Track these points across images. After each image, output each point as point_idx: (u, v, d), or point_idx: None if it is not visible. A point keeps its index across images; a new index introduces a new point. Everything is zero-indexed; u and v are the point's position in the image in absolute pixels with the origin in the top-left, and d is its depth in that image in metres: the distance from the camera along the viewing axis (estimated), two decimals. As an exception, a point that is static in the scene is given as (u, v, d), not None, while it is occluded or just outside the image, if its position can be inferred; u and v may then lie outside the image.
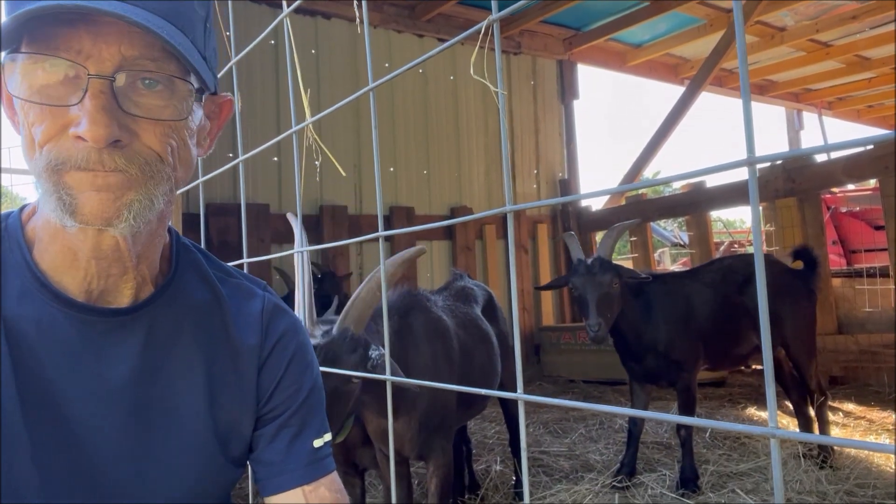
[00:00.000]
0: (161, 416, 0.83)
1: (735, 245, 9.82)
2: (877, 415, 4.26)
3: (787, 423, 3.97)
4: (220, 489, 0.90)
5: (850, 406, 4.53)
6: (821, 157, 5.23)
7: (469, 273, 3.61)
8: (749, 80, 0.54)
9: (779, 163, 5.18)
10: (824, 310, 4.85)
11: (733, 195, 5.66)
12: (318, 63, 5.64)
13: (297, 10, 1.17)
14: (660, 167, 25.19)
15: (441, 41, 6.32)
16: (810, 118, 10.09)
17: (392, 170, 6.05)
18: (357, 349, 1.78)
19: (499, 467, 3.52)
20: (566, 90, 7.38)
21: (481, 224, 6.44)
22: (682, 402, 3.24)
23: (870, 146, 4.60)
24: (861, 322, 5.00)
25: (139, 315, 0.82)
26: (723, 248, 9.12)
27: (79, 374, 0.78)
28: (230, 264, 1.00)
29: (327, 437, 0.95)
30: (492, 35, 0.81)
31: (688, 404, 3.21)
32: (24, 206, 0.84)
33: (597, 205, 7.12)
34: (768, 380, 0.55)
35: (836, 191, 7.57)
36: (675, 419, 0.67)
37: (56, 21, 0.67)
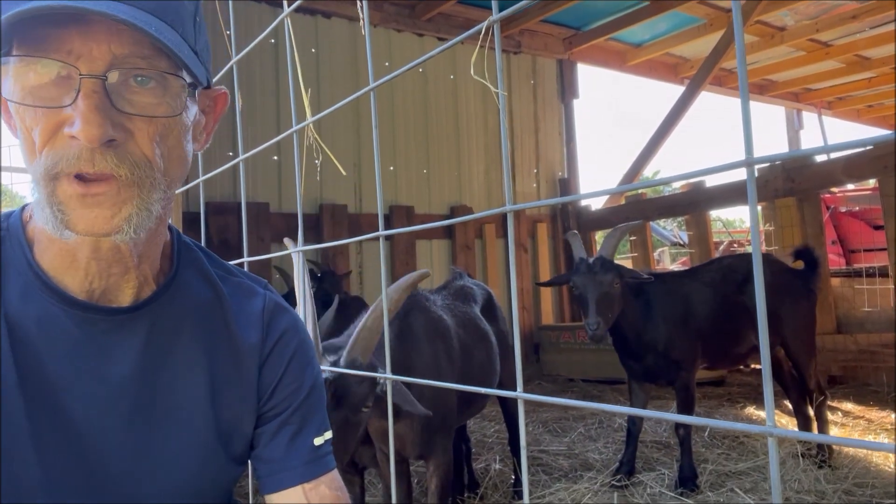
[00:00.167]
0: (162, 414, 0.83)
1: (734, 245, 9.83)
2: (875, 414, 4.27)
3: (786, 422, 3.98)
4: (221, 486, 0.90)
5: (848, 405, 4.54)
6: (820, 157, 5.23)
7: (469, 272, 3.61)
8: (748, 81, 0.54)
9: (778, 162, 5.18)
10: (823, 309, 4.85)
11: (733, 195, 5.66)
12: (318, 62, 5.64)
13: (297, 9, 1.18)
14: (659, 167, 25.19)
15: (441, 40, 6.32)
16: (810, 118, 10.10)
17: (392, 169, 6.05)
18: (365, 379, 1.78)
19: (498, 466, 3.52)
20: (566, 89, 7.38)
21: (481, 223, 6.44)
22: (680, 401, 3.24)
23: (869, 146, 4.60)
24: (860, 322, 5.01)
25: (141, 314, 0.82)
26: (722, 248, 9.13)
27: (81, 372, 0.78)
28: (231, 263, 1.01)
29: (328, 434, 0.96)
30: (492, 35, 0.81)
31: (686, 403, 3.21)
32: (25, 206, 0.84)
33: (596, 204, 7.12)
34: (766, 379, 0.55)
35: (835, 190, 7.57)
36: (674, 418, 0.67)
37: (45, 22, 0.67)
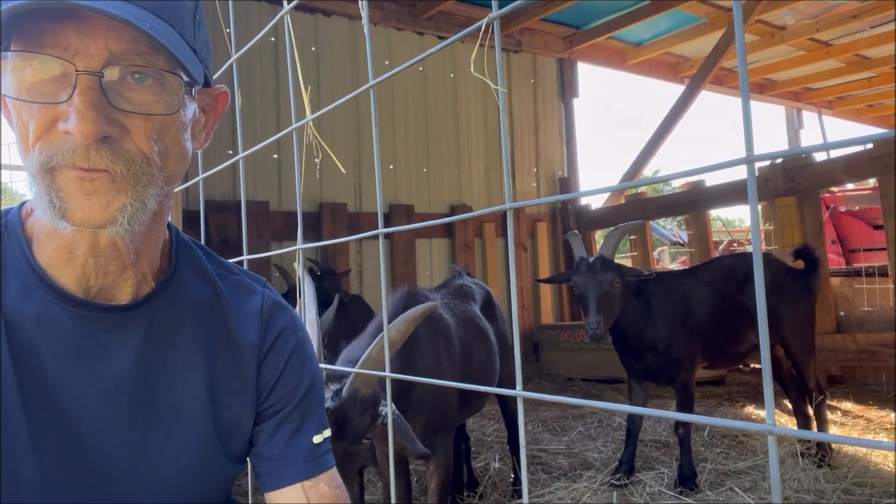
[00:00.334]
0: (161, 411, 0.83)
1: (734, 244, 9.83)
2: (875, 414, 4.27)
3: (786, 421, 3.98)
4: (220, 484, 0.90)
5: (848, 405, 4.54)
6: (820, 157, 5.23)
7: (468, 270, 3.61)
8: (748, 80, 0.54)
9: (778, 162, 5.18)
10: (823, 309, 4.85)
11: (732, 194, 5.66)
12: (317, 60, 5.63)
13: (297, 6, 1.17)
14: (659, 166, 25.21)
15: (441, 39, 6.31)
16: (810, 117, 10.10)
17: (392, 167, 6.05)
18: (367, 410, 1.77)
19: (497, 465, 3.52)
20: (566, 88, 7.38)
21: (481, 222, 6.44)
22: (680, 399, 3.24)
23: (869, 145, 4.60)
24: (860, 321, 5.01)
25: (139, 311, 0.82)
26: (722, 247, 9.14)
27: (79, 369, 0.78)
28: (230, 261, 1.01)
29: (327, 432, 0.96)
30: (492, 33, 0.81)
31: (686, 402, 3.21)
32: (23, 203, 0.84)
33: (596, 203, 7.12)
34: (766, 378, 0.55)
35: (835, 190, 7.57)
36: (673, 416, 0.67)
37: (42, 18, 0.67)
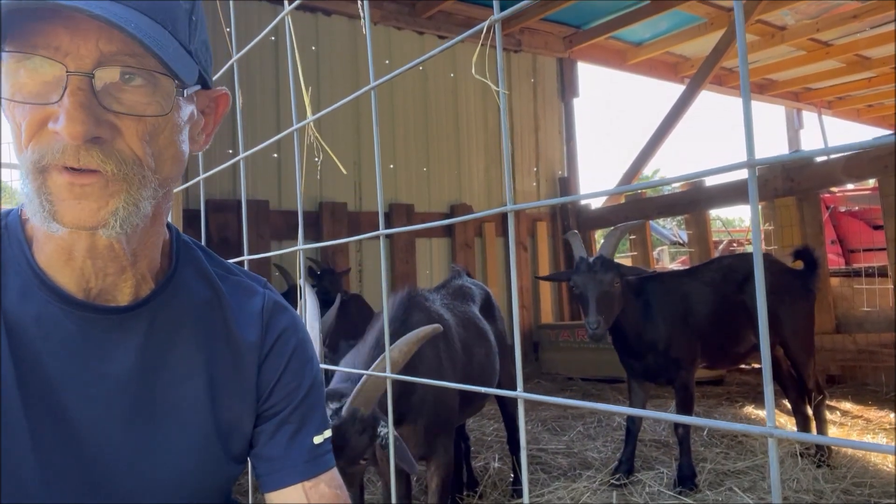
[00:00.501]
0: (161, 412, 0.83)
1: (734, 244, 9.83)
2: (874, 414, 4.28)
3: (785, 421, 3.98)
4: (220, 485, 0.90)
5: (847, 405, 4.54)
6: (820, 157, 5.23)
7: (468, 270, 3.62)
8: (749, 81, 0.54)
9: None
10: (822, 309, 4.85)
11: (732, 194, 5.66)
12: (318, 59, 5.63)
13: (297, 6, 1.17)
14: (659, 165, 25.21)
15: (441, 38, 6.31)
16: (810, 117, 10.09)
17: (392, 167, 6.05)
18: (366, 430, 1.77)
19: (497, 464, 3.52)
20: (566, 88, 7.38)
21: (480, 222, 6.44)
22: (679, 400, 3.24)
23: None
24: (859, 321, 5.01)
25: (139, 312, 0.82)
26: (721, 247, 9.13)
27: (79, 371, 0.78)
28: (230, 261, 1.01)
29: (327, 433, 0.96)
30: (493, 34, 0.81)
31: (686, 402, 3.21)
32: (25, 207, 0.84)
33: (596, 203, 7.12)
34: (766, 379, 0.55)
35: (835, 190, 7.57)
36: (673, 418, 0.67)
37: (33, 19, 0.67)
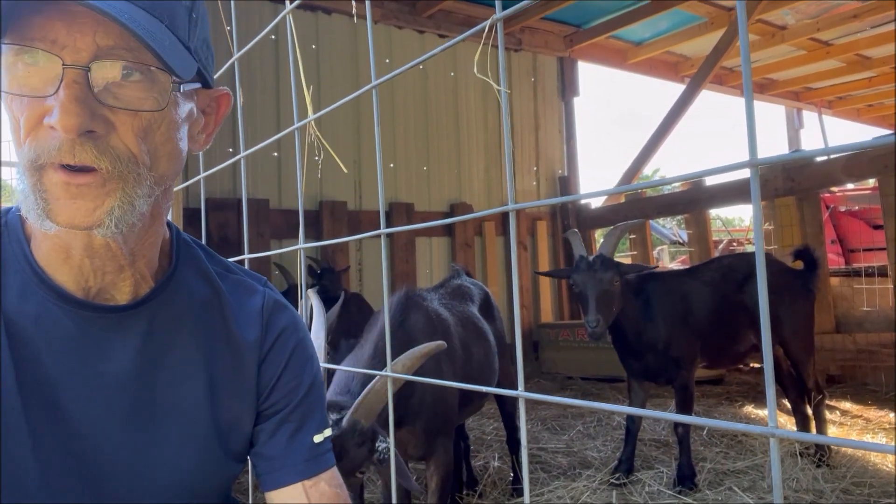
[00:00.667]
0: (161, 411, 0.83)
1: (734, 243, 9.83)
2: (874, 413, 4.28)
3: (785, 421, 3.98)
4: (219, 484, 0.90)
5: (847, 405, 4.54)
6: (820, 157, 5.23)
7: (468, 269, 3.62)
8: (752, 82, 0.54)
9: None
10: (822, 308, 4.85)
11: (733, 193, 5.66)
12: (318, 58, 5.63)
13: (298, 5, 1.17)
14: (659, 165, 25.20)
15: (442, 37, 6.31)
16: (810, 117, 10.09)
17: (392, 166, 6.04)
18: (365, 442, 1.77)
19: (497, 463, 3.53)
20: (566, 87, 7.37)
21: (481, 221, 6.44)
22: (679, 399, 3.24)
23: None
24: (859, 321, 5.01)
25: (139, 311, 0.82)
26: (721, 247, 9.13)
27: (79, 369, 0.78)
28: (230, 260, 1.01)
29: (327, 432, 0.96)
30: (495, 33, 0.81)
31: (685, 402, 3.22)
32: (20, 204, 0.84)
33: (596, 202, 7.12)
34: (768, 380, 0.55)
35: (835, 190, 7.57)
36: (673, 418, 0.67)
37: (31, 11, 0.67)
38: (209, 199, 4.93)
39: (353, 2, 5.13)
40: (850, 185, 7.66)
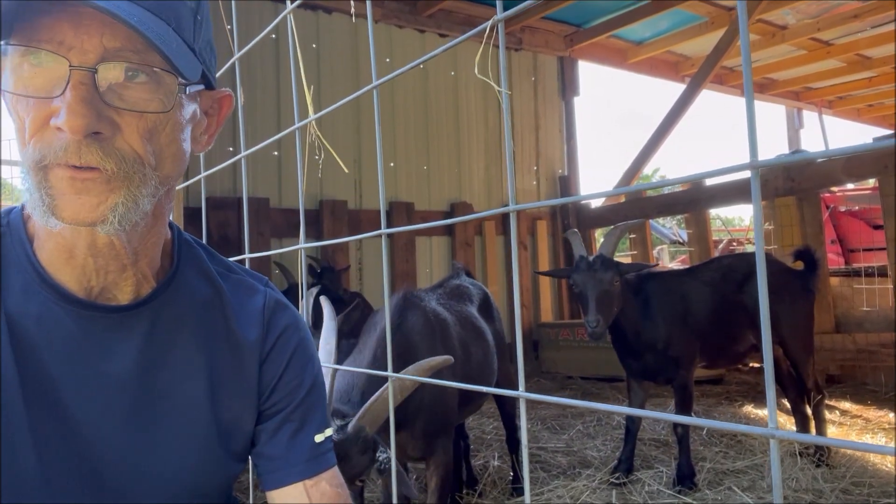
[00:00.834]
0: (162, 411, 0.83)
1: (734, 243, 9.82)
2: (873, 413, 4.28)
3: (784, 421, 3.99)
4: (220, 483, 0.90)
5: (846, 405, 4.55)
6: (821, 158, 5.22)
7: (469, 269, 3.62)
8: (753, 82, 0.54)
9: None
10: (822, 308, 4.85)
11: (733, 193, 5.66)
12: (318, 57, 5.63)
13: (298, 4, 1.17)
14: (660, 164, 25.21)
15: (442, 36, 6.31)
16: (810, 117, 10.09)
17: (392, 165, 6.04)
18: (367, 451, 1.78)
19: (496, 463, 3.53)
20: (567, 87, 7.37)
21: (481, 220, 6.44)
22: (679, 399, 3.25)
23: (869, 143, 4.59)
24: (859, 321, 5.01)
25: (140, 311, 0.82)
26: (721, 246, 9.12)
27: (81, 369, 0.78)
28: (231, 259, 1.01)
29: (328, 431, 0.96)
30: (496, 33, 0.81)
31: (685, 401, 3.22)
32: (25, 203, 0.84)
33: (596, 202, 7.12)
34: (768, 380, 0.55)
35: (835, 190, 7.57)
36: (673, 418, 0.67)
37: (38, 13, 0.67)
38: (209, 198, 4.93)
39: (353, 1, 5.13)
40: (850, 185, 7.66)
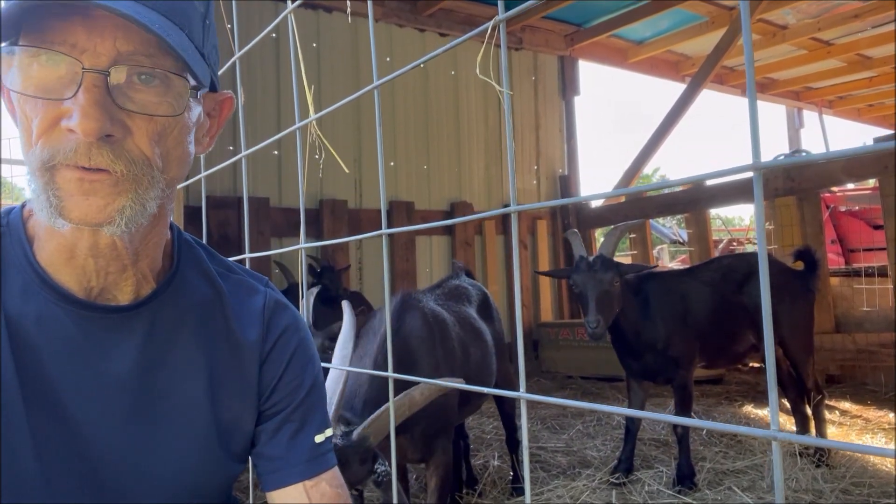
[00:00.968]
0: (162, 411, 0.83)
1: (734, 242, 9.82)
2: (873, 414, 4.28)
3: (784, 421, 3.99)
4: (220, 484, 0.90)
5: (846, 405, 4.55)
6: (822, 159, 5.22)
7: (469, 268, 3.62)
8: (755, 82, 0.54)
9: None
10: (822, 308, 4.85)
11: (733, 193, 5.66)
12: (318, 56, 5.63)
13: (299, 4, 1.17)
14: (660, 164, 25.21)
15: (442, 35, 6.30)
16: (811, 116, 10.09)
17: (392, 164, 6.04)
18: (367, 461, 1.77)
19: (496, 462, 3.53)
20: (567, 86, 7.37)
21: (480, 220, 6.44)
22: (678, 399, 3.25)
23: (869, 143, 4.60)
24: (859, 321, 5.01)
25: (140, 312, 0.82)
26: (721, 246, 9.12)
27: (80, 370, 0.78)
28: (231, 259, 1.01)
29: (328, 432, 0.96)
30: (497, 33, 0.81)
31: (684, 401, 3.22)
32: (25, 203, 0.84)
33: (596, 201, 7.11)
34: (771, 382, 0.55)
35: (835, 190, 7.56)
36: (674, 419, 0.67)
37: (52, 14, 0.67)
38: (210, 198, 4.93)
39: (350, 0, 5.12)
40: (850, 185, 7.66)
